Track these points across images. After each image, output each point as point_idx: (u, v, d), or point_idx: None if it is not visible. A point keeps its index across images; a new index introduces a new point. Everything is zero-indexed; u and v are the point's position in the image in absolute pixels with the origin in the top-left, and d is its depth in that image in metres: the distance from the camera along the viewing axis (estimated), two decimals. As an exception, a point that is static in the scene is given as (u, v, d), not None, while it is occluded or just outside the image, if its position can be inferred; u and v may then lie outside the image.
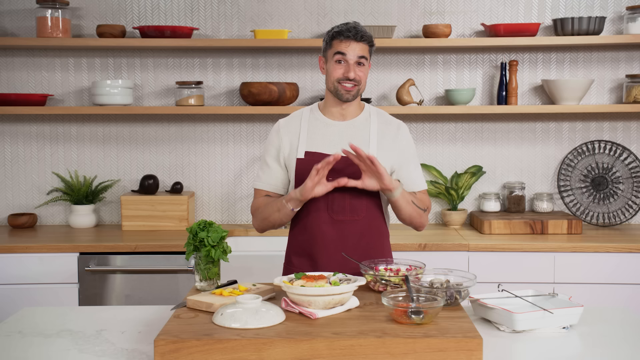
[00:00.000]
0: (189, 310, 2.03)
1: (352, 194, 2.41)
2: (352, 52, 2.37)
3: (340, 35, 2.37)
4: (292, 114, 2.55)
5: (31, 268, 3.33)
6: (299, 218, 2.48)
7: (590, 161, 3.87)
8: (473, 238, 3.48)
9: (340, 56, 2.38)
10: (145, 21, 3.85)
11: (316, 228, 2.43)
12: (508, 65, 3.77)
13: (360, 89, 2.43)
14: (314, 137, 2.46)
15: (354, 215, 2.43)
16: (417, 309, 1.87)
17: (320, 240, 2.43)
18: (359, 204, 2.42)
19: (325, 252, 2.43)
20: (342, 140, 2.43)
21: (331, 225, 2.42)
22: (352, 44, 2.37)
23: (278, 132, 2.51)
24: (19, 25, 3.84)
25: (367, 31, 2.41)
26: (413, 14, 3.86)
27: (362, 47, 2.38)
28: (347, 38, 2.36)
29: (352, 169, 2.39)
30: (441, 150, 3.93)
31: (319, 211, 2.42)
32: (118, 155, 3.93)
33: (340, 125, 2.47)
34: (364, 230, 2.44)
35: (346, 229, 2.42)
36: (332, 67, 2.40)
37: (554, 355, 1.89)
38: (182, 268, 3.34)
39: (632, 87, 3.72)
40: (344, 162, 2.38)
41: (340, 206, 2.41)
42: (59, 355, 1.89)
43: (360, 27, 2.40)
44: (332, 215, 2.42)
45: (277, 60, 3.88)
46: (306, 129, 2.47)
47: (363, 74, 2.41)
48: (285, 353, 1.76)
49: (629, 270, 3.33)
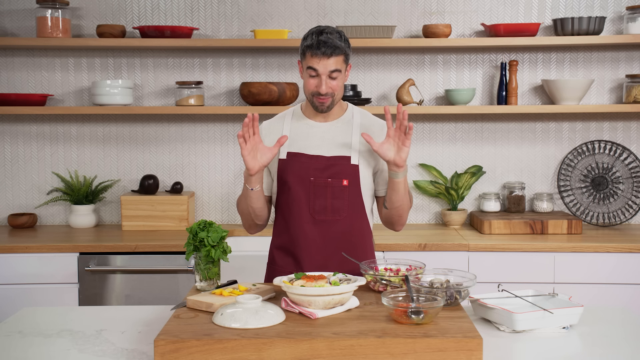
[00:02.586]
0: (189, 310, 2.03)
1: (334, 194, 2.41)
2: (323, 67, 2.34)
3: (311, 49, 2.33)
4: (276, 116, 2.56)
5: (31, 268, 3.33)
6: (282, 218, 2.48)
7: (590, 161, 3.87)
8: (473, 238, 3.48)
9: (312, 71, 2.36)
10: (145, 21, 3.85)
11: (298, 228, 2.43)
12: (508, 65, 3.77)
13: (335, 99, 2.41)
14: (296, 138, 2.46)
15: (336, 216, 2.42)
16: (417, 309, 1.87)
17: (303, 240, 2.43)
18: (340, 204, 2.41)
19: (307, 252, 2.42)
20: (325, 141, 2.43)
21: (313, 225, 2.42)
22: (323, 60, 2.33)
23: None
24: (19, 25, 3.84)
25: (338, 42, 2.33)
26: (413, 14, 3.86)
27: (334, 60, 2.34)
28: (316, 55, 2.33)
29: (335, 169, 2.40)
30: (441, 150, 3.93)
31: (301, 211, 2.42)
32: (118, 155, 3.93)
33: (322, 126, 2.47)
34: (345, 230, 2.43)
35: (328, 229, 2.42)
36: (306, 79, 2.39)
37: (554, 355, 1.89)
38: (182, 268, 3.34)
39: (632, 87, 3.72)
40: (326, 161, 2.40)
41: (322, 206, 2.41)
42: (59, 355, 1.89)
43: (332, 39, 2.33)
44: (313, 215, 2.42)
45: (277, 60, 3.88)
46: (289, 130, 2.47)
47: (336, 84, 2.38)
48: (285, 353, 1.76)
49: (629, 270, 3.33)
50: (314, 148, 2.44)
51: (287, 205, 2.45)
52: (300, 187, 2.41)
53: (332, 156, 2.42)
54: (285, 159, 2.44)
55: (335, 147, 2.43)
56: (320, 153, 2.43)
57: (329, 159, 2.42)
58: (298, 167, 2.42)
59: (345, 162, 2.41)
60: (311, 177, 2.40)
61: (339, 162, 2.41)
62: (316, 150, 2.43)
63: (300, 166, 2.42)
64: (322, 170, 2.41)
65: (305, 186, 2.41)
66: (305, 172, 2.41)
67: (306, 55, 2.37)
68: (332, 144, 2.44)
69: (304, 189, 2.41)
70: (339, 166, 2.40)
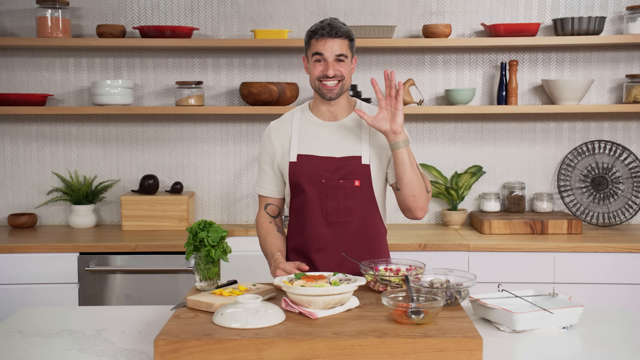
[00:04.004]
0: (189, 310, 2.03)
1: (347, 195, 2.40)
2: (329, 51, 2.34)
3: (316, 34, 2.35)
4: (284, 116, 2.54)
5: (31, 268, 3.33)
6: (295, 220, 2.48)
7: (590, 161, 3.87)
8: (473, 238, 3.48)
9: (319, 56, 2.35)
10: (145, 21, 3.85)
11: (312, 230, 2.42)
12: (508, 65, 3.77)
13: (344, 85, 2.38)
14: (305, 139, 2.44)
15: (349, 217, 2.41)
16: (417, 309, 1.87)
17: (316, 241, 2.42)
18: (353, 204, 2.40)
19: (321, 254, 2.42)
20: (335, 141, 2.42)
21: (326, 227, 2.41)
22: (329, 42, 2.33)
23: (269, 136, 2.50)
24: (19, 25, 3.84)
25: (343, 27, 2.37)
26: (413, 14, 3.86)
27: (340, 43, 2.34)
28: (322, 36, 2.33)
29: (346, 169, 2.39)
30: (441, 150, 3.93)
31: (314, 213, 2.41)
32: (118, 155, 3.93)
33: (331, 126, 2.44)
34: (359, 230, 2.43)
35: (341, 230, 2.42)
36: (312, 66, 2.38)
37: (554, 355, 1.89)
38: (182, 268, 3.34)
39: (632, 87, 3.72)
40: (337, 162, 2.39)
41: (334, 207, 2.40)
42: (59, 355, 1.89)
43: (336, 23, 2.36)
44: (326, 217, 2.41)
45: (277, 60, 3.88)
46: (297, 130, 2.45)
47: (344, 70, 2.36)
48: (285, 353, 1.76)
49: (629, 270, 3.33)
50: (324, 149, 2.42)
51: (300, 208, 2.44)
52: (312, 190, 2.40)
53: (343, 157, 2.40)
54: (295, 162, 2.42)
55: (346, 147, 2.41)
56: (331, 154, 2.41)
57: (340, 159, 2.40)
58: (309, 170, 2.40)
59: (357, 163, 2.40)
60: (322, 179, 2.38)
61: (350, 162, 2.40)
62: (326, 151, 2.41)
63: (311, 168, 2.40)
64: (334, 172, 2.39)
65: (317, 188, 2.40)
66: (317, 174, 2.40)
67: (311, 42, 2.37)
68: (342, 143, 2.41)
69: (316, 191, 2.40)
70: (350, 167, 2.39)
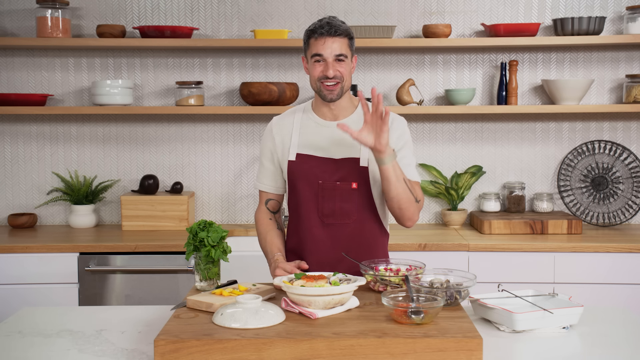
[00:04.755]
0: (189, 310, 2.03)
1: (343, 197, 2.38)
2: (328, 51, 2.30)
3: (315, 33, 2.31)
4: (286, 112, 2.52)
5: (31, 268, 3.33)
6: (292, 220, 2.48)
7: (590, 161, 3.87)
8: (473, 238, 3.48)
9: (318, 57, 2.32)
10: (145, 21, 3.85)
11: (307, 231, 2.42)
12: (508, 65, 3.77)
13: (344, 86, 2.35)
14: (305, 138, 2.43)
15: (345, 219, 2.40)
16: (417, 309, 1.87)
17: (311, 243, 2.42)
18: (349, 207, 2.39)
19: (316, 255, 2.41)
20: (334, 142, 2.40)
21: (322, 229, 2.41)
22: (328, 41, 2.29)
23: (271, 131, 2.49)
24: (19, 25, 3.84)
25: (342, 25, 2.33)
26: (413, 14, 3.86)
27: (339, 42, 2.31)
28: (321, 35, 2.30)
29: (343, 171, 2.38)
30: (441, 150, 3.93)
31: (310, 214, 2.40)
32: (118, 155, 3.93)
33: (332, 125, 2.42)
34: (355, 233, 2.41)
35: (337, 232, 2.40)
36: (311, 67, 2.35)
37: (554, 355, 1.89)
38: (182, 268, 3.34)
39: (632, 87, 3.72)
40: (335, 164, 2.38)
41: (331, 209, 2.39)
42: (59, 355, 1.89)
43: (335, 21, 2.33)
44: (322, 218, 2.40)
45: (277, 60, 3.88)
46: (298, 129, 2.44)
47: (344, 70, 2.33)
48: (285, 353, 1.76)
49: (629, 270, 3.33)
50: (322, 149, 2.40)
51: (296, 208, 2.44)
52: (309, 190, 2.39)
53: (341, 158, 2.39)
54: (294, 161, 2.42)
55: (345, 148, 2.39)
56: (329, 155, 2.40)
57: (337, 161, 2.38)
58: (307, 170, 2.40)
59: (354, 165, 2.38)
60: (320, 179, 2.37)
61: (348, 164, 2.38)
62: (325, 151, 2.40)
63: (308, 169, 2.39)
64: (331, 173, 2.38)
65: (313, 189, 2.39)
66: (314, 175, 2.39)
67: (310, 42, 2.34)
68: (341, 144, 2.40)
69: (313, 192, 2.39)
70: (348, 169, 2.37)
